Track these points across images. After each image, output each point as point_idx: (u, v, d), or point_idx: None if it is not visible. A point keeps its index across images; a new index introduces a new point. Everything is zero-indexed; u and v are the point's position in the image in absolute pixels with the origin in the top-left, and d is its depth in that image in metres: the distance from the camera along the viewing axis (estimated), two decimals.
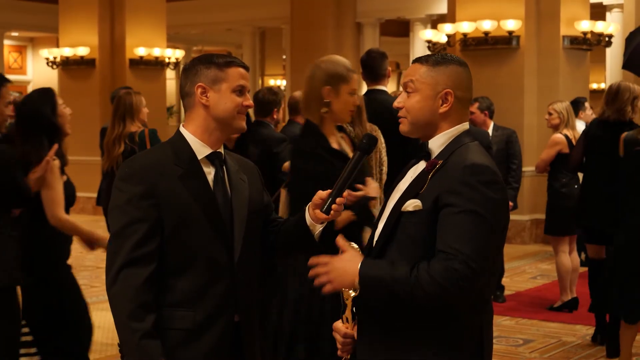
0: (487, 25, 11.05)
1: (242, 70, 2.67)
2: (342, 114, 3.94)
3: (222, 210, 2.62)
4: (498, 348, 6.15)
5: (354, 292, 2.43)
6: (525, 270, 9.43)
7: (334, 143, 3.91)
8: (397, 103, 2.54)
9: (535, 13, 11.33)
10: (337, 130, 3.99)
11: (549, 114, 7.41)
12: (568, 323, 7.04)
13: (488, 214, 2.32)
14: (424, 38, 14.15)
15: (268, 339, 3.95)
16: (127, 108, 6.33)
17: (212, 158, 2.67)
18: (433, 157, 2.48)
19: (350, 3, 16.17)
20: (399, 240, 2.41)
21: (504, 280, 8.03)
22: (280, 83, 21.29)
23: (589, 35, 11.60)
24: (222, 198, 2.64)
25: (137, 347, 2.49)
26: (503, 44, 11.12)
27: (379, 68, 5.57)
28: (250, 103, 2.70)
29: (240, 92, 2.66)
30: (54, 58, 15.43)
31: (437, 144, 2.49)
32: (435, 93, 2.48)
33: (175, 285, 2.58)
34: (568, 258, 7.35)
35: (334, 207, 2.59)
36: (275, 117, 5.96)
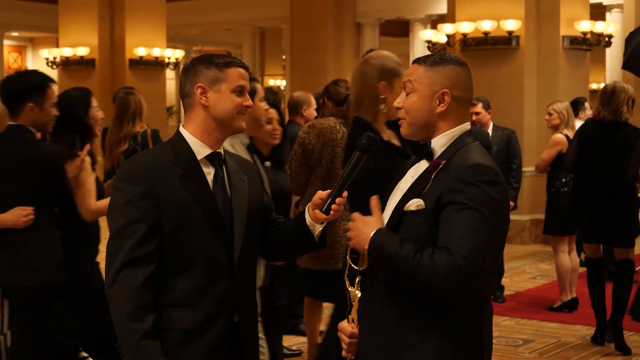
0: (486, 26, 11.04)
1: (241, 71, 2.67)
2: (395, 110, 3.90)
3: (221, 211, 2.62)
4: (498, 348, 6.15)
5: (361, 292, 2.46)
6: (525, 271, 9.42)
7: (387, 139, 3.89)
8: (396, 103, 2.56)
9: (535, 13, 11.32)
10: (386, 127, 3.95)
11: (549, 115, 7.41)
12: (568, 323, 7.04)
13: (489, 213, 2.33)
14: (424, 38, 14.16)
15: None
16: (137, 107, 6.33)
17: (211, 158, 2.66)
18: (435, 157, 2.48)
19: (350, 3, 16.17)
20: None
21: (504, 281, 8.03)
22: (280, 83, 21.30)
23: (589, 36, 11.60)
24: (221, 198, 2.64)
25: (136, 347, 2.49)
26: (503, 44, 11.11)
27: None
28: (250, 103, 2.69)
29: (240, 92, 2.66)
30: (54, 58, 15.44)
31: (439, 144, 2.50)
32: (433, 93, 2.49)
33: (175, 286, 2.57)
34: (567, 258, 7.35)
35: (334, 207, 2.59)
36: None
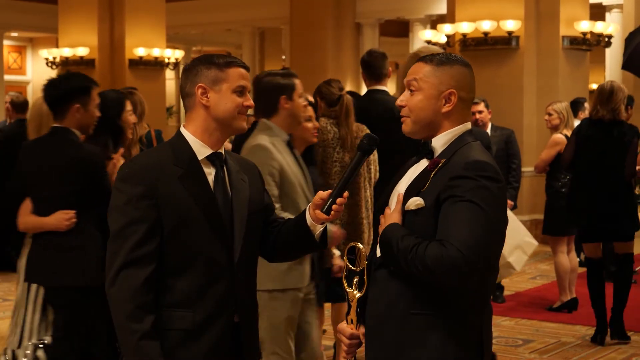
0: (486, 26, 11.04)
1: (242, 71, 2.67)
2: None
3: (222, 211, 2.62)
4: (498, 348, 6.15)
5: (359, 292, 2.46)
6: (525, 271, 9.41)
7: None
8: (399, 101, 2.55)
9: (535, 13, 11.32)
10: None
11: (549, 115, 7.41)
12: (567, 323, 7.04)
13: (487, 207, 2.32)
14: (424, 38, 14.15)
15: None
16: (142, 108, 6.32)
17: (212, 158, 2.66)
18: (436, 155, 2.48)
19: (350, 3, 16.17)
20: None
21: (504, 281, 8.01)
22: None
23: (589, 36, 11.60)
24: (222, 198, 2.64)
25: (136, 347, 2.49)
26: (502, 45, 11.11)
27: (381, 68, 5.57)
28: (251, 103, 2.69)
29: (241, 92, 2.66)
30: (54, 58, 15.43)
31: (439, 143, 2.50)
32: (439, 93, 2.49)
33: (175, 286, 2.57)
34: (566, 258, 7.34)
35: (335, 207, 2.59)
36: None
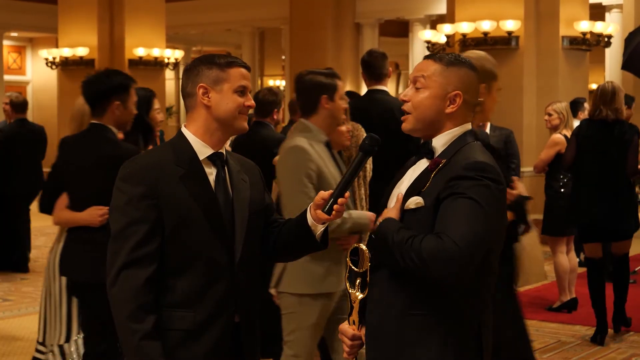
0: (486, 26, 11.04)
1: (243, 71, 2.67)
2: (489, 113, 3.70)
3: (223, 211, 2.62)
4: None
5: (361, 294, 2.46)
6: None
7: None
8: (403, 96, 2.54)
9: (535, 13, 11.32)
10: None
11: (549, 115, 7.41)
12: (567, 323, 7.04)
13: (486, 205, 2.32)
14: (423, 38, 14.15)
15: None
16: None
17: (213, 158, 2.66)
18: (436, 155, 2.48)
19: (350, 3, 16.16)
20: None
21: None
22: (280, 83, 21.28)
23: (588, 36, 11.60)
24: (223, 198, 2.63)
25: (136, 347, 2.50)
26: (502, 45, 11.11)
27: (381, 68, 5.58)
28: (252, 103, 2.69)
29: (242, 92, 2.65)
30: (53, 58, 15.43)
31: (440, 143, 2.50)
32: (445, 93, 2.49)
33: (176, 286, 2.57)
34: (566, 258, 7.35)
35: (336, 207, 2.58)
36: (276, 117, 5.97)
